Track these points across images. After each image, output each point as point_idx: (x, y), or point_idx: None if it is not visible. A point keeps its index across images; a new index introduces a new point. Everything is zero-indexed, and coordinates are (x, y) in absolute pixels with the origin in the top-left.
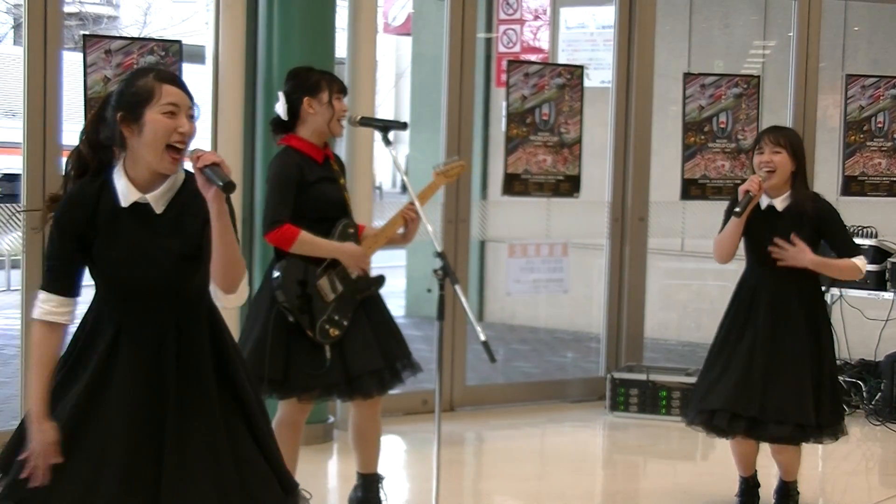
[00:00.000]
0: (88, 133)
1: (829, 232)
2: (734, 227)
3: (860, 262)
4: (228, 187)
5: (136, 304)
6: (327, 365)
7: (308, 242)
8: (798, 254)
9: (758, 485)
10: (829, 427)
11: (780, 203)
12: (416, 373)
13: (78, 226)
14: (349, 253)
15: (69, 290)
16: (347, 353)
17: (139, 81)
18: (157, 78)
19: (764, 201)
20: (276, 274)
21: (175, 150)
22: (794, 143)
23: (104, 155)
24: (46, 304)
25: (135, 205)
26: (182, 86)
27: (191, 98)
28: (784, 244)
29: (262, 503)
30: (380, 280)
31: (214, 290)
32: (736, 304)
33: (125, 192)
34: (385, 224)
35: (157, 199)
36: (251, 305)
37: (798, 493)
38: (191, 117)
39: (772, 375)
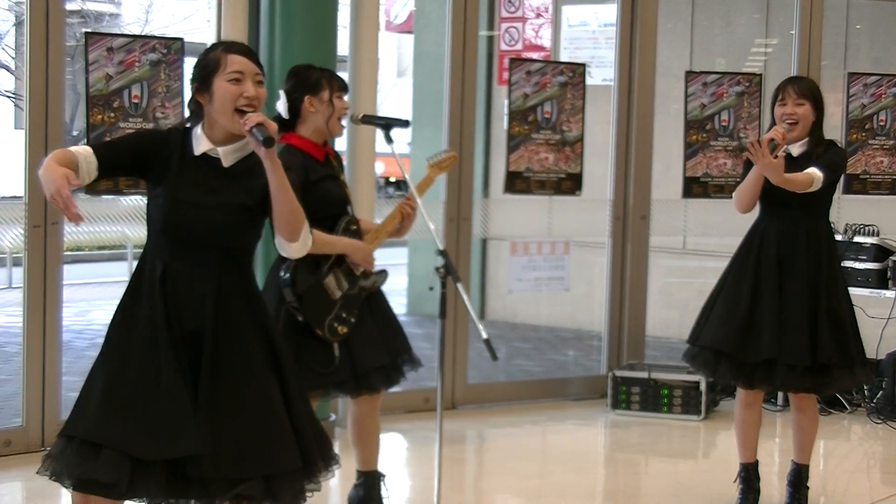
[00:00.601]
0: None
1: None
2: (757, 174)
3: (814, 172)
4: (267, 142)
5: (185, 249)
6: (336, 363)
7: (320, 241)
8: (770, 164)
9: (758, 477)
10: (842, 367)
11: (796, 149)
12: (417, 368)
13: (151, 145)
14: (357, 249)
15: (105, 162)
16: (354, 349)
17: (209, 54)
18: (224, 49)
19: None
20: (285, 274)
21: (244, 113)
22: (815, 93)
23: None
24: (82, 148)
25: (205, 156)
26: (248, 54)
27: (259, 66)
28: (763, 149)
29: (272, 460)
30: (383, 275)
31: (280, 241)
32: (744, 252)
33: (199, 142)
34: (384, 219)
35: (226, 154)
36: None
37: (808, 486)
38: (259, 83)
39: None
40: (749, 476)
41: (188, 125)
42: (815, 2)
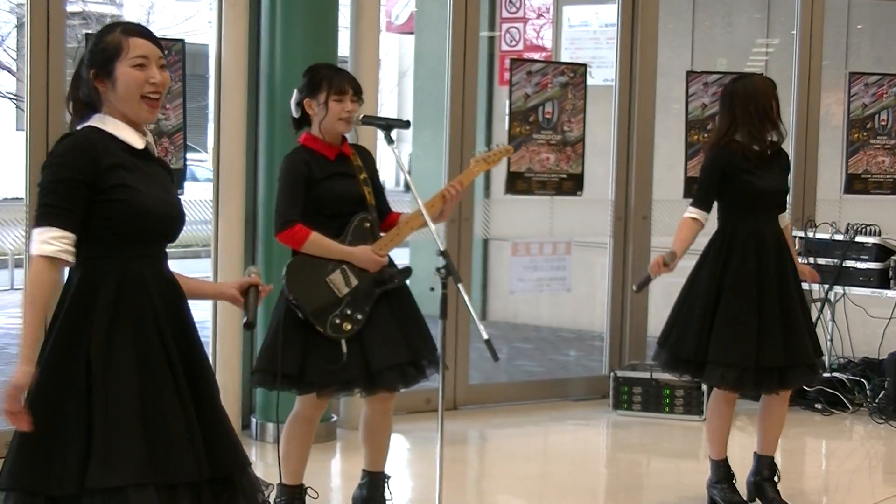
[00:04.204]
0: (71, 93)
1: None
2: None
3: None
4: (248, 326)
5: (144, 249)
6: (344, 360)
7: (318, 244)
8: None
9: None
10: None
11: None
12: (440, 371)
13: (86, 172)
14: (359, 257)
15: (77, 228)
16: (368, 347)
17: (107, 37)
18: (125, 32)
19: None
20: (283, 271)
21: (150, 99)
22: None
23: (89, 110)
24: (60, 242)
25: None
26: (150, 37)
27: (161, 48)
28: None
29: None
30: (405, 272)
31: None
32: (741, 258)
33: (127, 133)
34: (423, 204)
35: (152, 144)
36: (276, 304)
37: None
38: (162, 67)
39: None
40: (728, 473)
41: (85, 118)
42: (817, 1)
